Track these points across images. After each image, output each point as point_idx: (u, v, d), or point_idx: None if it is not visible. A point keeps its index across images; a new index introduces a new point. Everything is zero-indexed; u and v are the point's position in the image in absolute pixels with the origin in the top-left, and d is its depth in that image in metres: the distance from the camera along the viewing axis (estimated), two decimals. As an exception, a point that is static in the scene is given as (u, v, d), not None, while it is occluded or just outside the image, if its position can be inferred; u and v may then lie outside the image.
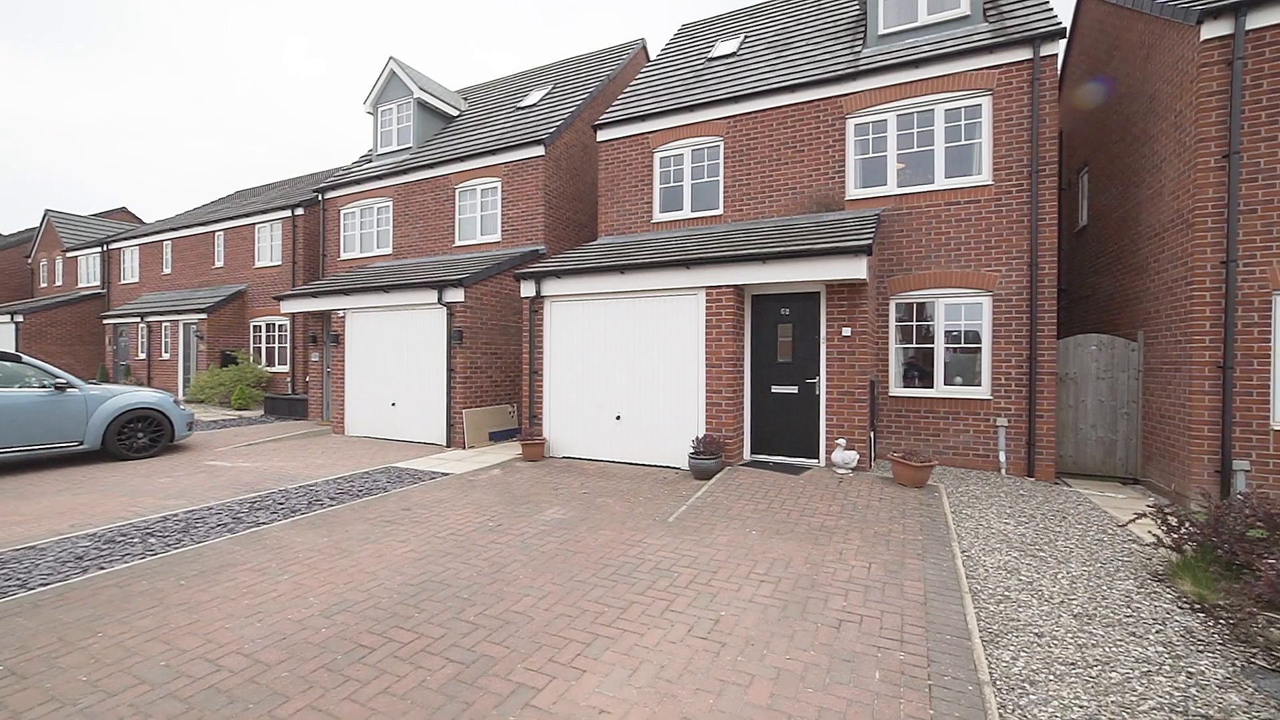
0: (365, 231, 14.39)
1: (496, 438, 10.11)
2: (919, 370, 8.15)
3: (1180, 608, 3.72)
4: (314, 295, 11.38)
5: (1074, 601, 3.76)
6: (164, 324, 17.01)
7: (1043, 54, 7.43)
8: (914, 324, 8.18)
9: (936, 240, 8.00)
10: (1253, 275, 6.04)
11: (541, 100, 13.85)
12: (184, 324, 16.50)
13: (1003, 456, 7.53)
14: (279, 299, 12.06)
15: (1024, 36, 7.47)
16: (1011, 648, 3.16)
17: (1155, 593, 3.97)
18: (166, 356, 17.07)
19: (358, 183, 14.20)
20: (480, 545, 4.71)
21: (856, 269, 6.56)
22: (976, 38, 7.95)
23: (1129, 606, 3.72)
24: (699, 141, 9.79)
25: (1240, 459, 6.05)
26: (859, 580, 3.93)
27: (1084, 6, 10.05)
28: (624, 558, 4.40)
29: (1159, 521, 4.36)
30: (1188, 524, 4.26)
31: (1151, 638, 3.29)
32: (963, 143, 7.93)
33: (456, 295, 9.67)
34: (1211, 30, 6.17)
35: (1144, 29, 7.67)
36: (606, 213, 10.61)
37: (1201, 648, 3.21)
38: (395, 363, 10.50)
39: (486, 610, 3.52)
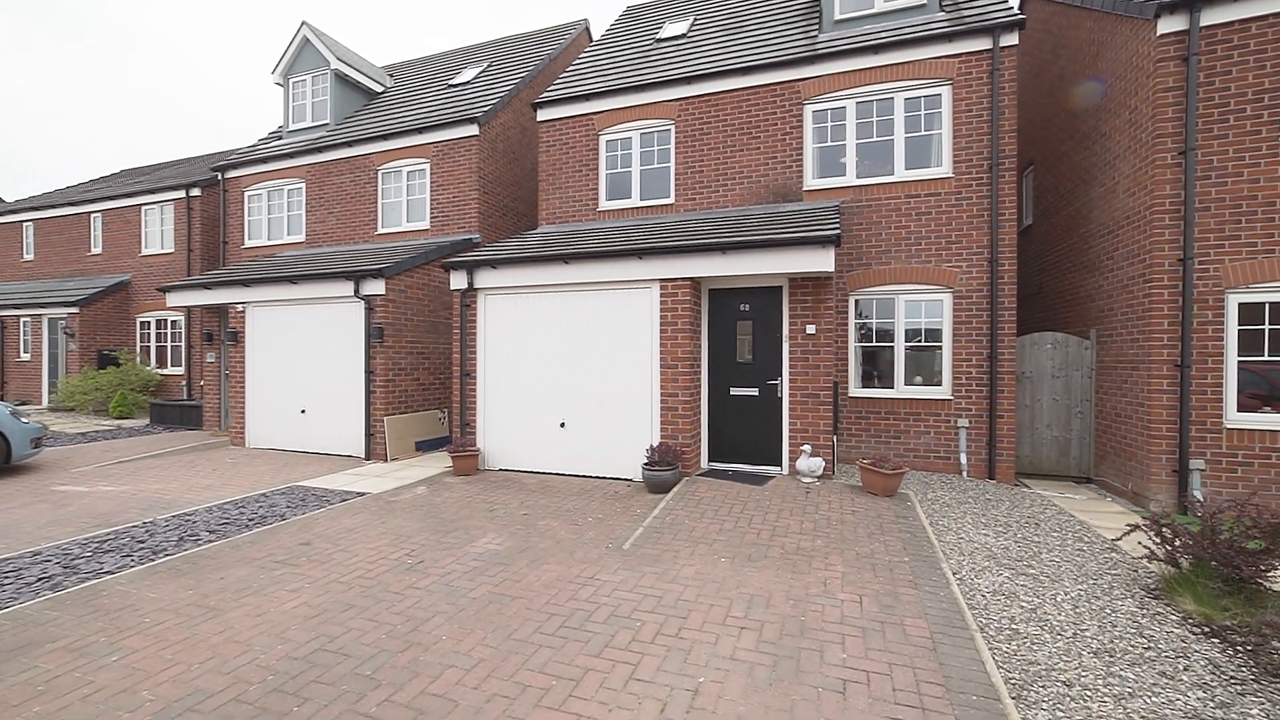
0: (274, 216, 12.79)
1: (424, 448, 9.05)
2: (879, 370, 7.83)
3: (1193, 633, 3.38)
4: (207, 287, 9.84)
5: (1086, 633, 3.34)
6: (22, 319, 14.56)
7: (1002, 44, 7.23)
8: (873, 322, 7.85)
9: (897, 234, 7.69)
10: (1207, 273, 6.01)
11: (476, 78, 12.76)
12: (49, 319, 14.17)
13: (964, 458, 7.30)
14: (164, 290, 10.40)
15: (983, 26, 7.25)
16: (1045, 705, 2.65)
17: (1159, 614, 3.63)
18: (26, 357, 14.63)
19: (265, 161, 12.58)
20: (395, 592, 3.81)
21: (824, 261, 6.07)
22: (935, 25, 7.68)
23: (1142, 635, 3.34)
24: (648, 124, 9.10)
25: (1196, 458, 6.01)
26: (853, 620, 3.36)
27: (1027, 6, 10.10)
28: (574, 602, 3.64)
29: (1153, 533, 4.06)
30: (1183, 536, 3.97)
31: (1184, 678, 2.89)
32: (923, 133, 7.65)
33: (376, 287, 8.54)
34: (1168, 25, 6.09)
35: (1093, 26, 7.64)
36: (548, 199, 9.74)
37: (1238, 686, 2.83)
38: (305, 364, 9.20)
39: (395, 694, 2.67)
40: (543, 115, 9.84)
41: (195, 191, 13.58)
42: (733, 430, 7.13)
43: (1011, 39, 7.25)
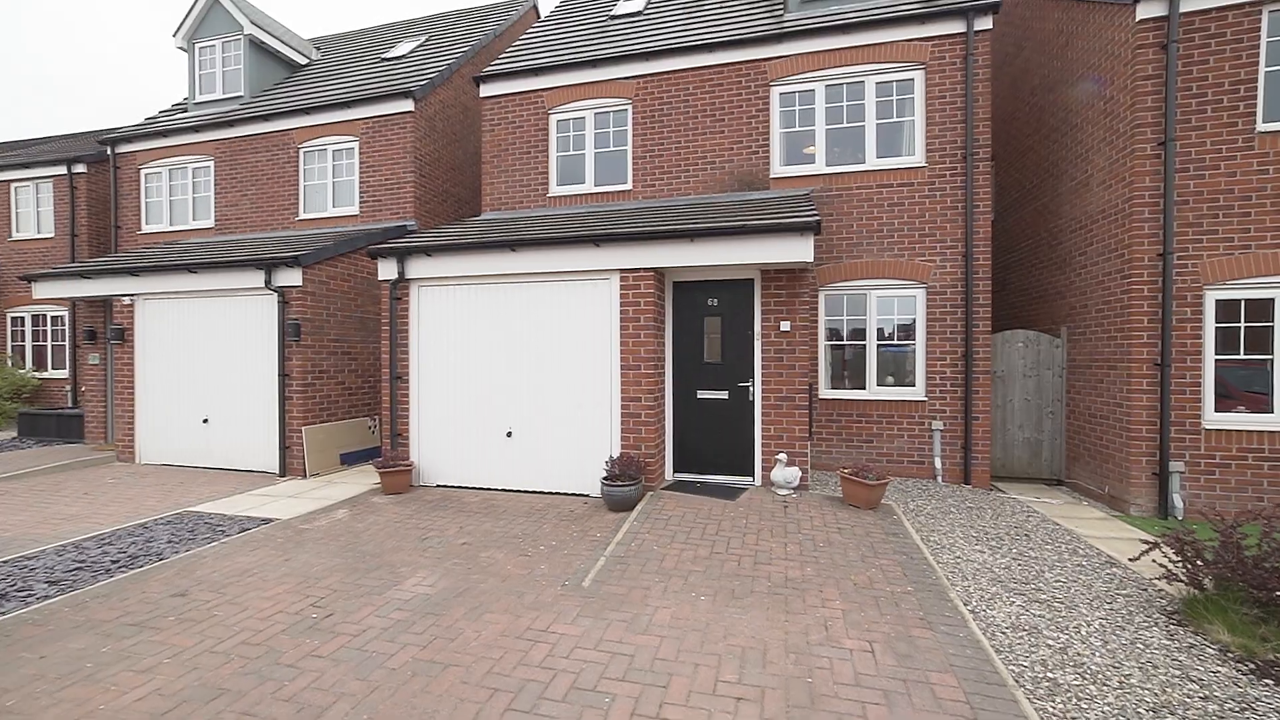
0: (177, 198, 11.25)
1: (351, 460, 7.98)
2: (850, 370, 7.39)
3: (1240, 672, 2.96)
4: (85, 276, 8.39)
5: (1131, 679, 2.86)
6: None
7: (976, 28, 6.90)
8: (844, 319, 7.40)
9: (868, 226, 7.26)
10: (1185, 269, 5.82)
11: (413, 52, 11.65)
12: (-105, 314, 12.02)
13: (939, 463, 6.95)
14: (29, 280, 8.83)
15: (956, 8, 6.89)
16: (1127, 799, 2.10)
17: (1194, 647, 3.21)
18: None
19: (165, 135, 11.03)
20: (289, 665, 2.93)
21: (802, 250, 5.50)
22: (907, 6, 7.29)
23: (1189, 678, 2.89)
24: (603, 104, 8.35)
25: (1175, 460, 5.82)
26: (870, 680, 2.75)
27: (987, 1, 9.96)
28: (524, 668, 2.87)
29: (1175, 551, 3.67)
30: (1206, 553, 3.60)
31: (1264, 741, 2.42)
32: (894, 119, 7.25)
33: (292, 278, 7.42)
34: (1147, 10, 5.86)
35: (1062, 16, 7.45)
36: (492, 183, 8.84)
37: (1323, 749, 2.38)
38: (208, 366, 7.95)
39: None
40: (486, 91, 8.93)
41: (80, 168, 11.78)
42: (700, 438, 6.49)
43: (985, 23, 6.94)
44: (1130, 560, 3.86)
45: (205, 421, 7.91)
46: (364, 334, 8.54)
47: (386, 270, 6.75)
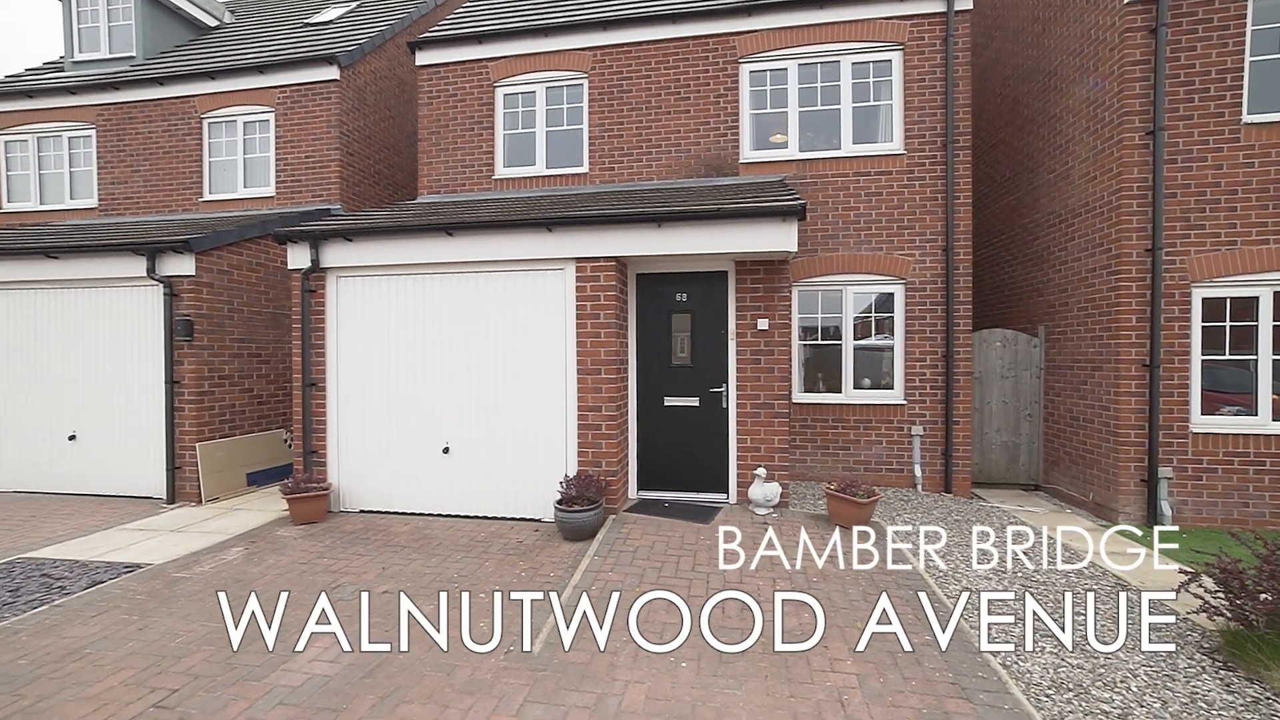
0: (49, 172, 9.61)
1: (261, 480, 6.83)
2: (825, 372, 6.86)
3: (1327, 738, 2.48)
4: (-87, 260, 6.84)
5: (1217, 760, 2.33)
6: None
7: (957, 8, 6.48)
8: (819, 317, 6.86)
9: (844, 217, 6.74)
10: (1173, 266, 5.54)
11: (342, 17, 10.39)
12: None
13: (918, 470, 6.51)
14: None
15: (937, -15, 6.46)
16: None
17: (1259, 701, 2.75)
18: None
19: (31, 95, 9.36)
20: (93, 819, 2.00)
21: (784, 238, 4.87)
22: (884, -17, 6.80)
23: (1276, 751, 2.38)
24: (557, 76, 7.51)
25: (1163, 465, 5.54)
26: (917, 793, 2.09)
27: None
28: (449, 803, 2.05)
29: (1218, 582, 3.21)
30: (1248, 582, 3.16)
31: None
32: (872, 103, 6.76)
33: (183, 265, 6.22)
34: (1135, -8, 5.55)
35: (1037, 3, 7.16)
36: (430, 163, 7.83)
37: None
38: (76, 371, 6.60)
39: None
40: (423, 58, 7.91)
41: (-75, 133, 9.90)
42: (669, 450, 5.76)
43: (966, 2, 6.52)
44: (1173, 596, 3.40)
45: (72, 438, 6.57)
46: (278, 333, 7.37)
47: (297, 258, 5.69)
